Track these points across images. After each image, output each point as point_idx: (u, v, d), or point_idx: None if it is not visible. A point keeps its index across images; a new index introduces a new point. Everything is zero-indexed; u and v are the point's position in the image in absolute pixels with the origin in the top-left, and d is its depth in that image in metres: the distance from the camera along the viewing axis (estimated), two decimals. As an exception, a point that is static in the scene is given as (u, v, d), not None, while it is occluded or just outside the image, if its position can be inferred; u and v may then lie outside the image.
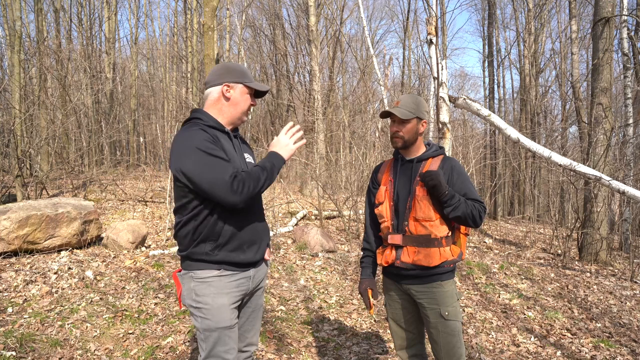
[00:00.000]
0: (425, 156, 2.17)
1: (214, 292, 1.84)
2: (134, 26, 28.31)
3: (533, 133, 14.66)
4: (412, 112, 2.13)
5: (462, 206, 2.01)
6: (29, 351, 3.02)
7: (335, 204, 7.90)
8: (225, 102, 1.95)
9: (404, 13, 20.32)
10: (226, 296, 1.85)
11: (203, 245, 1.84)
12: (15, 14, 9.33)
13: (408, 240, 2.10)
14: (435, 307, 2.09)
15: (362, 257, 2.37)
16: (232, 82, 1.94)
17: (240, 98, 1.96)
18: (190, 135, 1.78)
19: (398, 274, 2.16)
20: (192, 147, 1.74)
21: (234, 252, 1.87)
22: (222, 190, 1.72)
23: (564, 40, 17.24)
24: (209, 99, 1.96)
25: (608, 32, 6.97)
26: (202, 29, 6.69)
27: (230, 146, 1.91)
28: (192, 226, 1.84)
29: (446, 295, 2.10)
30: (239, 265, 1.89)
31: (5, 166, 9.24)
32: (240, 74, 1.97)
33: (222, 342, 1.83)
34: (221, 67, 1.98)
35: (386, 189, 2.21)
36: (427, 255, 2.06)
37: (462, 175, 2.12)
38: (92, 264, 4.83)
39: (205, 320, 1.83)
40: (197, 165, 1.73)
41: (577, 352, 3.59)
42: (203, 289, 1.84)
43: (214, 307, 1.83)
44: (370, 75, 15.78)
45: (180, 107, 17.33)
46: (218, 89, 1.94)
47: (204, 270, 1.85)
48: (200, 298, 1.84)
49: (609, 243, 7.12)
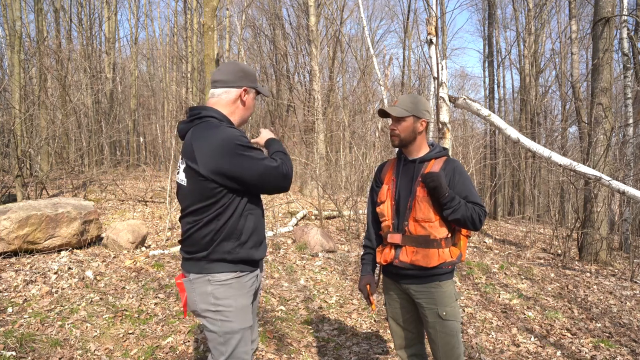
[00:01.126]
0: (428, 157, 2.17)
1: (235, 293, 1.84)
2: (134, 26, 28.33)
3: (533, 133, 14.65)
4: (408, 111, 2.13)
5: (462, 209, 2.01)
6: (29, 351, 3.02)
7: (335, 204, 7.90)
8: (242, 105, 1.97)
9: (404, 13, 20.33)
10: (246, 296, 1.88)
11: (225, 244, 1.81)
12: (15, 14, 9.34)
13: (407, 240, 2.11)
14: (433, 307, 2.10)
15: (362, 254, 2.37)
16: (249, 87, 1.97)
17: (252, 102, 2.01)
18: (223, 133, 1.76)
19: (397, 273, 2.17)
20: (232, 144, 1.73)
21: (252, 249, 1.88)
22: (275, 178, 1.80)
23: (564, 40, 17.24)
24: (224, 98, 1.93)
25: (608, 32, 6.97)
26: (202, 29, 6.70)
27: None
28: (214, 225, 1.80)
29: (444, 296, 2.10)
30: (254, 263, 1.91)
31: (5, 166, 9.25)
32: (254, 78, 2.01)
33: (244, 343, 1.85)
34: (239, 69, 1.97)
35: (388, 188, 2.22)
36: (425, 255, 2.07)
37: (464, 178, 2.12)
38: (92, 264, 4.83)
39: (227, 323, 1.82)
40: (242, 160, 1.74)
41: (577, 352, 3.59)
42: (224, 291, 1.82)
43: (237, 309, 1.83)
44: (370, 75, 15.78)
45: (180, 107, 17.33)
46: (237, 91, 1.94)
47: (222, 272, 1.82)
48: (221, 301, 1.82)
49: (609, 243, 7.12)
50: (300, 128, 15.03)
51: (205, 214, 1.80)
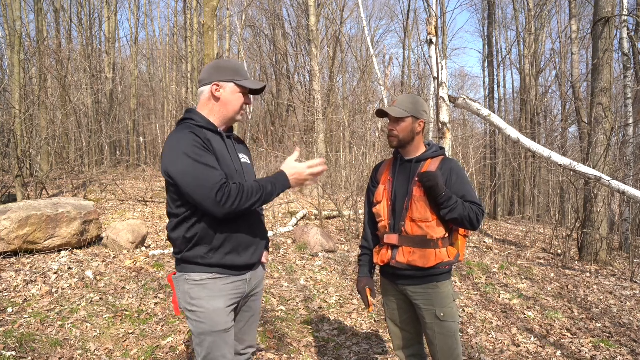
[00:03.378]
0: (425, 157, 2.16)
1: (209, 294, 1.78)
2: (134, 26, 28.32)
3: (533, 133, 14.65)
4: (407, 111, 2.12)
5: (459, 208, 1.99)
6: (29, 351, 3.02)
7: (335, 204, 7.90)
8: (216, 102, 1.87)
9: (404, 13, 20.31)
10: (222, 299, 1.79)
11: (198, 249, 1.78)
12: (15, 14, 9.34)
13: (404, 241, 2.09)
14: (430, 309, 2.09)
15: (360, 255, 2.36)
16: (222, 82, 1.86)
17: (231, 97, 1.87)
18: (179, 139, 1.73)
19: (394, 274, 2.16)
20: (180, 152, 1.69)
21: (230, 254, 1.81)
22: (205, 200, 1.66)
23: (564, 40, 17.24)
24: (201, 98, 1.90)
25: (608, 32, 6.97)
26: (202, 29, 6.70)
27: (223, 147, 1.85)
28: (184, 229, 1.78)
29: (442, 297, 2.09)
30: (234, 268, 1.84)
31: (5, 166, 9.25)
32: (232, 72, 1.87)
33: (217, 347, 1.78)
34: (212, 66, 1.91)
35: (384, 188, 2.20)
36: (422, 256, 2.05)
37: (461, 177, 2.11)
38: (92, 264, 4.83)
39: (200, 324, 1.77)
40: (183, 171, 1.68)
41: (577, 352, 3.59)
42: (198, 291, 1.78)
43: (209, 311, 1.77)
44: (370, 75, 15.78)
45: (180, 107, 17.34)
46: (208, 88, 1.87)
47: (197, 272, 1.79)
48: (194, 301, 1.78)
49: (609, 243, 7.12)
50: (300, 128, 15.03)
51: (175, 217, 1.80)
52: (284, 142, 15.24)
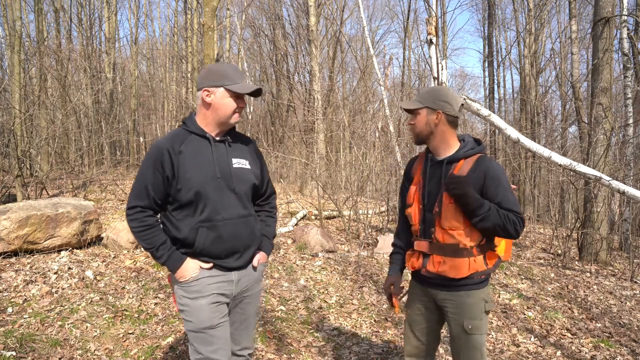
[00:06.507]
0: (457, 157, 1.93)
1: (193, 293, 1.87)
2: (134, 26, 28.27)
3: (533, 133, 14.65)
4: (420, 102, 1.93)
5: (493, 216, 1.80)
6: (29, 351, 3.02)
7: (335, 204, 7.89)
8: (207, 108, 1.88)
9: (404, 13, 20.31)
10: (205, 298, 1.86)
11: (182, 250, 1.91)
12: (15, 14, 9.33)
13: (435, 249, 1.93)
14: (458, 319, 1.94)
15: (391, 252, 2.21)
16: (211, 87, 1.86)
17: (221, 102, 1.86)
18: (152, 146, 1.89)
19: (424, 280, 2.04)
20: (144, 158, 1.88)
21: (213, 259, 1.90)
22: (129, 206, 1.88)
23: (564, 40, 17.23)
24: (197, 104, 1.96)
25: (608, 32, 6.97)
26: (202, 29, 6.69)
27: (208, 152, 1.86)
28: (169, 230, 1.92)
29: (472, 308, 1.92)
30: (221, 268, 1.92)
31: (5, 166, 9.24)
32: (221, 76, 1.86)
33: (207, 343, 1.84)
34: (206, 71, 1.93)
35: (415, 190, 2.03)
36: (453, 266, 1.88)
37: (497, 181, 1.86)
38: (92, 264, 4.83)
39: (187, 322, 1.87)
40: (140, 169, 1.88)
41: (577, 352, 3.59)
42: (184, 290, 1.88)
43: (194, 308, 1.85)
44: (370, 75, 15.76)
45: (180, 107, 17.33)
46: (199, 94, 1.90)
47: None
48: (182, 300, 1.88)
49: (609, 243, 7.12)
50: (300, 128, 15.01)
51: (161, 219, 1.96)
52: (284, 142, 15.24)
